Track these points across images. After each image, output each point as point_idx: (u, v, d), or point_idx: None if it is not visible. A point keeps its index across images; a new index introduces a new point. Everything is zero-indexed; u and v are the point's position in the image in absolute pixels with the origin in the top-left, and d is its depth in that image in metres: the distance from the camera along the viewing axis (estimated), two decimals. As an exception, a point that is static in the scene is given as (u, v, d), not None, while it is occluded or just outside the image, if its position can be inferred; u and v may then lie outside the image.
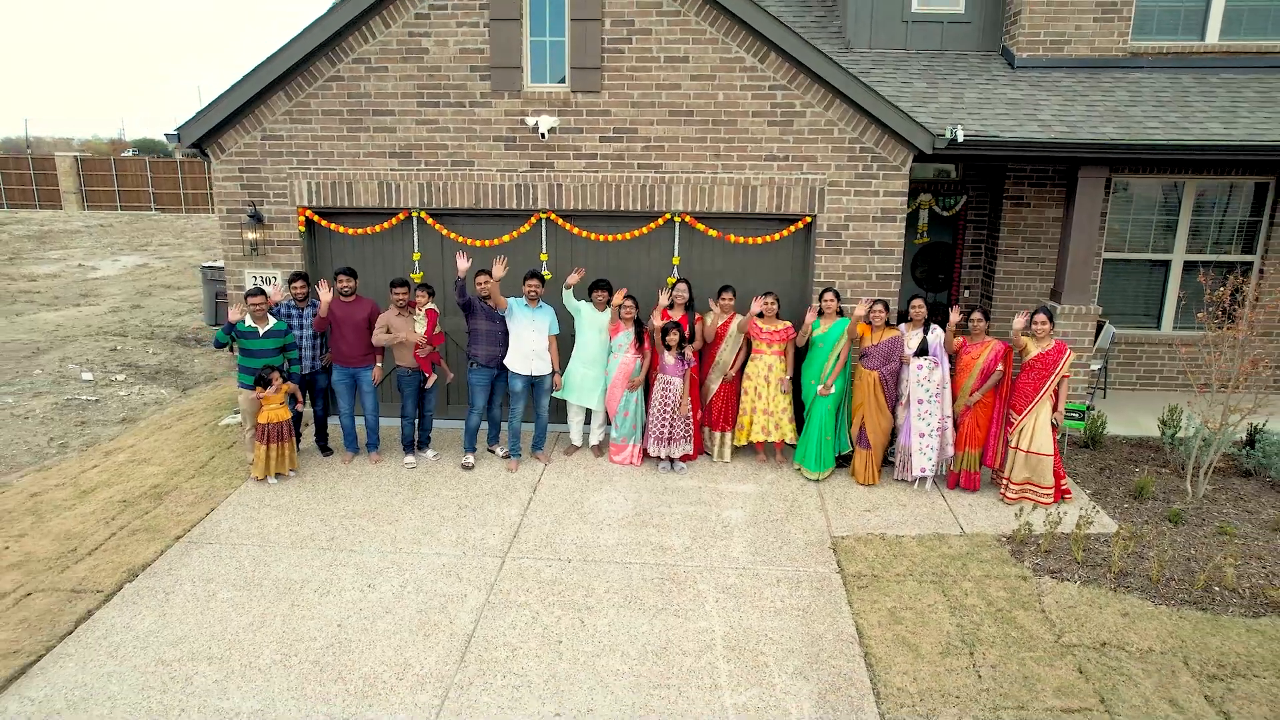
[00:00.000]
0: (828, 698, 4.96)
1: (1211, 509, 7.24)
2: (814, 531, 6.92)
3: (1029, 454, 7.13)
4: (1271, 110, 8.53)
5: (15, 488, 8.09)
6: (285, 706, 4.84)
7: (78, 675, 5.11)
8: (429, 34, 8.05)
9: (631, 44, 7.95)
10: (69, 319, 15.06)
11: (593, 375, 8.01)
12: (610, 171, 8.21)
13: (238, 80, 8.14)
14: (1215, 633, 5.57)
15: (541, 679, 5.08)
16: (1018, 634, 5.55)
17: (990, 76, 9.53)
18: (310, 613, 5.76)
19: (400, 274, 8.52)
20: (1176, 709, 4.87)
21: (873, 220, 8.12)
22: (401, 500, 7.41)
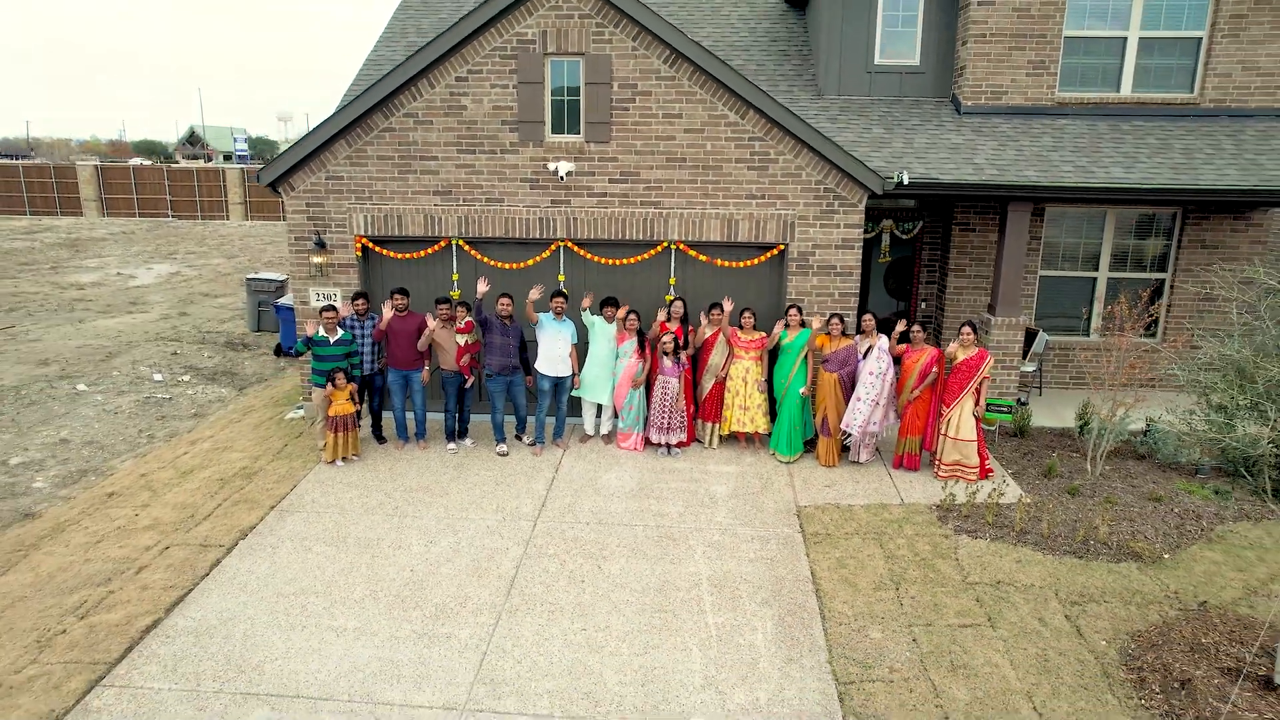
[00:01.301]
0: (785, 619, 6.64)
1: (1104, 484, 8.94)
2: (782, 502, 8.61)
3: (956, 440, 8.83)
4: (1165, 156, 10.22)
5: (123, 470, 9.75)
6: (379, 625, 6.51)
7: (220, 603, 6.79)
8: (467, 94, 9.71)
9: (635, 103, 9.62)
10: (126, 325, 16.69)
11: (603, 376, 9.69)
12: (617, 207, 9.89)
13: (307, 133, 9.81)
14: (1083, 573, 7.27)
15: (570, 606, 6.76)
16: (934, 575, 7.24)
17: (939, 122, 11.22)
18: (387, 562, 7.43)
19: (443, 293, 10.18)
20: (1042, 624, 6.56)
21: (835, 248, 9.81)
22: (449, 479, 9.09)
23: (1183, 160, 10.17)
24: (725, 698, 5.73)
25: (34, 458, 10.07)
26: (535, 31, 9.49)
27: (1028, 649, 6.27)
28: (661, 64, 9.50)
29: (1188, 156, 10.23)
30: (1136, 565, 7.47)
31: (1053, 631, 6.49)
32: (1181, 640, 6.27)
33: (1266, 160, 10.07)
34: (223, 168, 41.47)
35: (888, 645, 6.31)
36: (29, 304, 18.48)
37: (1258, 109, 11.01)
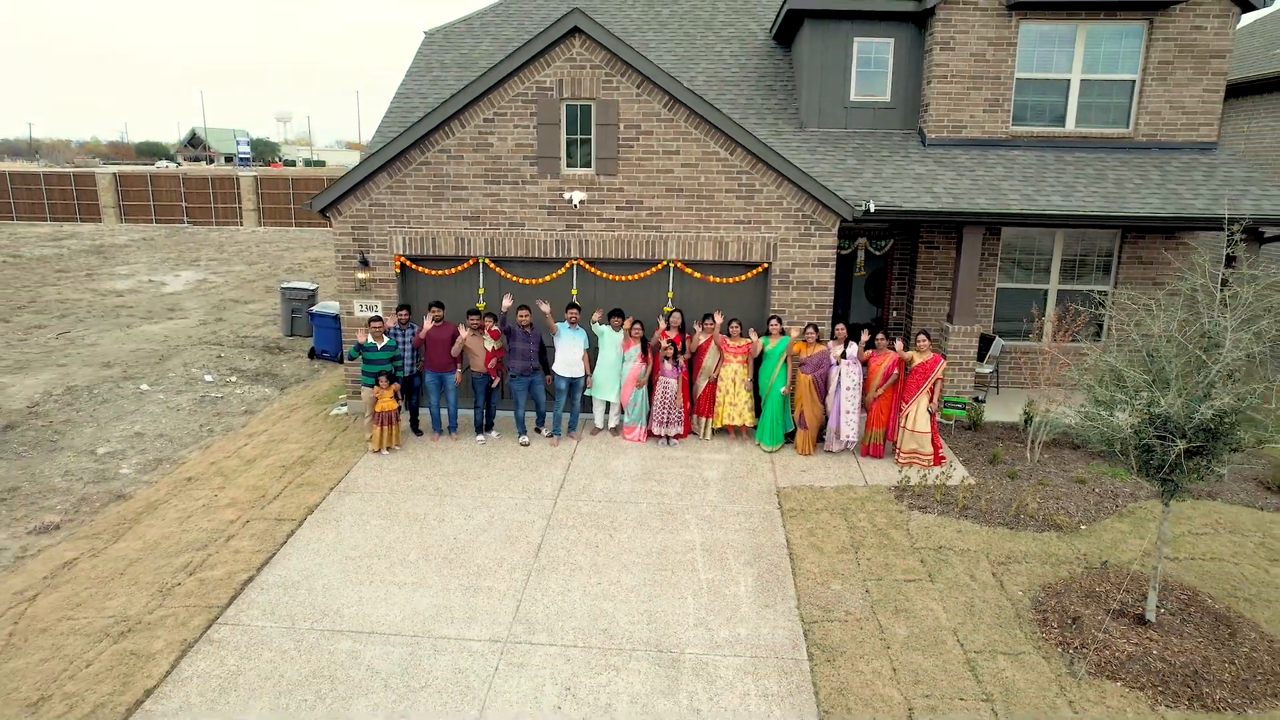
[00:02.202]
0: (763, 576, 8.15)
1: (1040, 469, 10.46)
2: (765, 484, 10.13)
3: (913, 432, 10.34)
4: (1100, 185, 11.74)
5: (194, 459, 11.25)
6: (432, 580, 8.02)
7: (299, 564, 8.29)
8: (494, 133, 11.22)
9: (638, 141, 11.14)
10: (170, 330, 18.18)
11: (612, 377, 11.20)
12: (623, 231, 11.40)
13: (354, 167, 11.32)
14: (1011, 540, 8.79)
15: (587, 566, 8.27)
16: (887, 542, 8.76)
17: (906, 153, 12.74)
18: (433, 532, 8.94)
19: (471, 305, 11.68)
20: (972, 579, 8.08)
21: (812, 266, 11.32)
22: (480, 465, 10.60)
23: (1114, 189, 11.69)
24: (713, 633, 7.24)
25: (116, 448, 11.56)
26: (553, 80, 11.00)
27: (958, 598, 7.79)
28: (661, 108, 11.02)
29: (1119, 186, 11.76)
30: (1057, 534, 8.99)
31: (980, 585, 8.01)
32: (1080, 589, 7.79)
33: (1185, 190, 11.60)
34: (237, 175, 42.90)
35: (845, 595, 7.82)
36: (77, 310, 19.96)
37: (1182, 142, 12.53)
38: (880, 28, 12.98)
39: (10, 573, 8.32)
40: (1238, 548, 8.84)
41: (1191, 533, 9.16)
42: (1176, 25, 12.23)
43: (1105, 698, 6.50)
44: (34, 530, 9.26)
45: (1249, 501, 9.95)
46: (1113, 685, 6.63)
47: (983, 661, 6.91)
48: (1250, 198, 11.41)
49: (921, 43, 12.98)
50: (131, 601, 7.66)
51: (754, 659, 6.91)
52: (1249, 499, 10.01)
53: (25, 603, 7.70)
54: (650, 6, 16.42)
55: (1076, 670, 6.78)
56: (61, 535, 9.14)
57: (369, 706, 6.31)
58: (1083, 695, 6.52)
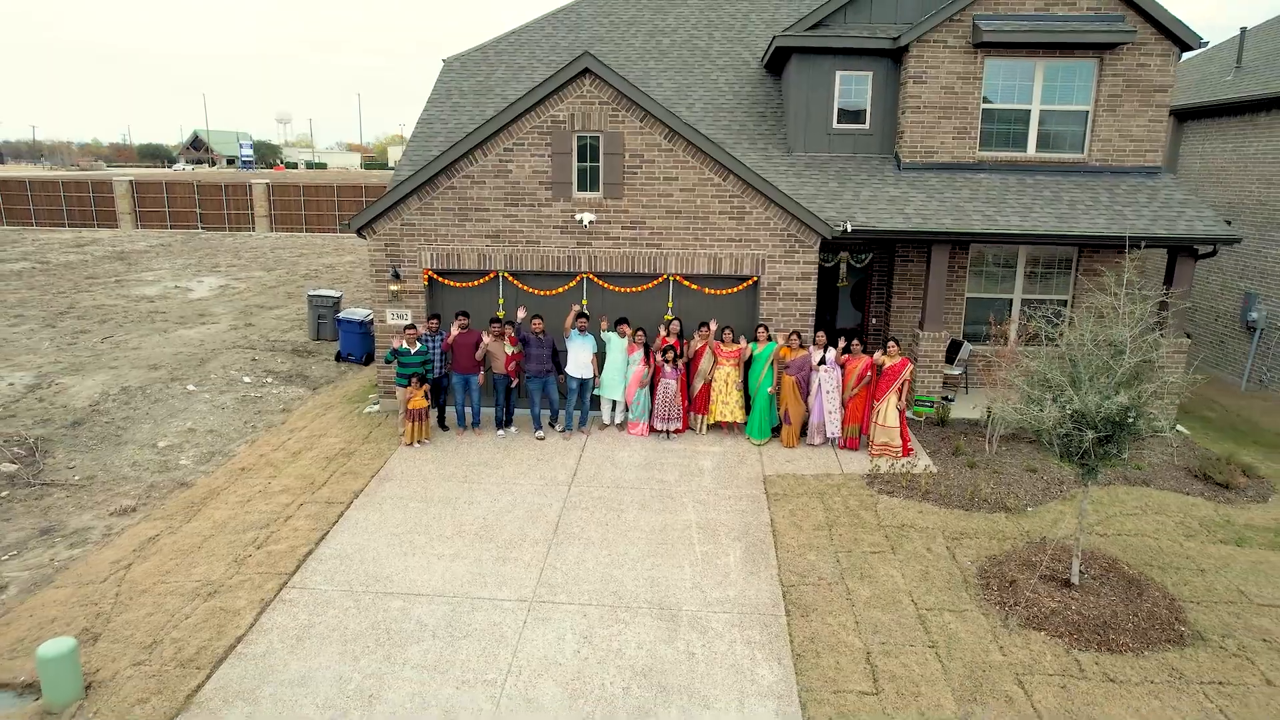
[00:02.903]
0: (750, 549, 9.51)
1: (997, 460, 11.83)
2: (753, 473, 11.50)
3: (884, 426, 11.72)
4: (1054, 206, 13.12)
5: (243, 452, 12.60)
6: (466, 552, 9.38)
7: (351, 539, 9.66)
8: (513, 161, 12.59)
9: (641, 169, 12.51)
10: (204, 335, 19.53)
11: (617, 378, 12.56)
12: (628, 248, 12.77)
13: (388, 191, 12.68)
14: (965, 520, 10.17)
15: (598, 540, 9.63)
16: (858, 521, 10.13)
17: (882, 177, 14.11)
18: (464, 513, 10.30)
19: (493, 315, 13.03)
20: (929, 551, 9.45)
21: (796, 280, 12.70)
22: (501, 456, 11.97)
23: (1067, 210, 13.07)
24: (706, 594, 8.61)
25: (174, 442, 12.92)
26: (565, 115, 12.38)
27: (915, 566, 9.16)
28: (662, 139, 12.39)
29: (1071, 207, 13.13)
30: (1005, 515, 10.37)
31: (934, 556, 9.38)
32: (1019, 559, 9.16)
33: (1129, 211, 12.97)
34: (250, 182, 44.21)
35: (819, 564, 9.20)
36: (114, 316, 21.30)
37: (1131, 167, 13.91)
38: (860, 62, 14.35)
39: (102, 547, 9.68)
40: (1159, 526, 10.22)
41: (1123, 513, 10.54)
42: (1124, 63, 13.60)
43: (1030, 644, 7.87)
44: (114, 512, 10.62)
45: (1177, 488, 11.33)
46: (1037, 634, 8.00)
47: (932, 617, 8.28)
48: (1185, 219, 12.78)
49: (897, 76, 14.35)
50: (212, 569, 9.02)
51: (740, 615, 8.28)
52: (1177, 486, 11.39)
53: (122, 570, 9.06)
54: (651, 36, 17.79)
55: (1009, 623, 8.15)
56: (139, 516, 10.49)
57: (421, 650, 7.68)
58: (1012, 642, 7.89)
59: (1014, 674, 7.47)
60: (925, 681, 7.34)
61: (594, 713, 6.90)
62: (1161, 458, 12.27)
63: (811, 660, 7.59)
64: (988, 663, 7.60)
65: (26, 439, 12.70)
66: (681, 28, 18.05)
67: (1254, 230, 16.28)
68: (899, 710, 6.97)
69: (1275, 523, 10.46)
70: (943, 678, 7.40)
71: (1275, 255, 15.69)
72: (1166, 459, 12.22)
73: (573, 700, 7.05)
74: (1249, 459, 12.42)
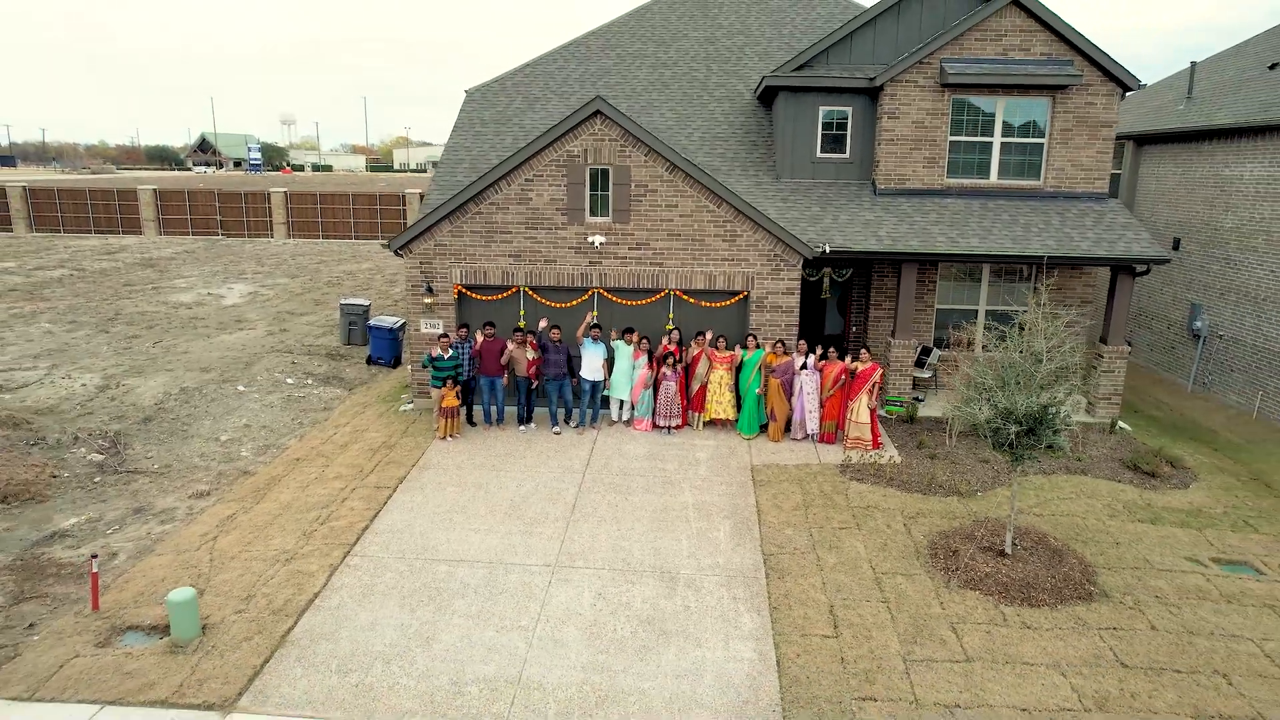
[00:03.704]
0: (737, 525, 11.26)
1: (954, 453, 13.57)
2: (742, 463, 13.24)
3: (857, 423, 13.46)
4: (1010, 229, 14.84)
5: (295, 445, 14.34)
6: (497, 528, 11.13)
7: (399, 517, 11.41)
8: (533, 190, 14.35)
9: (646, 197, 14.26)
10: (244, 340, 21.30)
11: (624, 381, 14.31)
12: (634, 266, 14.52)
13: (422, 216, 14.44)
14: (923, 503, 11.90)
15: (610, 518, 11.38)
16: (830, 503, 11.87)
17: (860, 202, 15.84)
18: (494, 495, 12.05)
19: (515, 325, 14.78)
20: (888, 528, 11.19)
21: (781, 294, 14.44)
22: (523, 448, 13.72)
23: (1022, 233, 14.80)
24: (700, 561, 10.35)
25: (234, 436, 14.69)
26: (579, 150, 14.13)
27: (876, 540, 10.89)
28: (664, 171, 14.15)
29: (1026, 230, 14.86)
30: (957, 498, 12.11)
31: (893, 531, 11.12)
32: (963, 534, 10.88)
33: (1076, 233, 14.70)
34: (269, 191, 45.98)
35: (795, 537, 10.94)
36: (159, 322, 23.09)
37: (1081, 193, 15.64)
38: (840, 99, 16.09)
39: (188, 523, 11.43)
40: (1089, 508, 11.95)
41: (1059, 497, 12.27)
42: (1074, 101, 15.33)
43: (965, 600, 9.60)
44: (192, 495, 12.38)
45: (1111, 477, 13.05)
46: (972, 593, 9.73)
47: (886, 579, 10.02)
48: (1124, 241, 14.51)
49: (874, 111, 16.09)
50: (286, 541, 10.78)
51: (727, 577, 10.03)
52: (1111, 475, 13.11)
53: (210, 541, 10.82)
54: (655, 69, 19.55)
55: (949, 584, 9.89)
56: (214, 499, 12.25)
57: (465, 604, 9.43)
58: (950, 599, 9.63)
59: (949, 623, 9.20)
60: (876, 628, 9.07)
61: (608, 650, 8.64)
62: (1102, 451, 13.99)
63: (785, 611, 9.33)
64: (929, 614, 9.34)
65: (107, 433, 14.48)
66: (682, 60, 19.80)
67: (1199, 248, 18.00)
68: (851, 649, 8.71)
69: (1188, 505, 12.19)
70: (891, 625, 9.14)
71: (1216, 271, 17.40)
72: (1106, 452, 13.95)
73: (590, 641, 8.80)
74: (1180, 452, 14.16)
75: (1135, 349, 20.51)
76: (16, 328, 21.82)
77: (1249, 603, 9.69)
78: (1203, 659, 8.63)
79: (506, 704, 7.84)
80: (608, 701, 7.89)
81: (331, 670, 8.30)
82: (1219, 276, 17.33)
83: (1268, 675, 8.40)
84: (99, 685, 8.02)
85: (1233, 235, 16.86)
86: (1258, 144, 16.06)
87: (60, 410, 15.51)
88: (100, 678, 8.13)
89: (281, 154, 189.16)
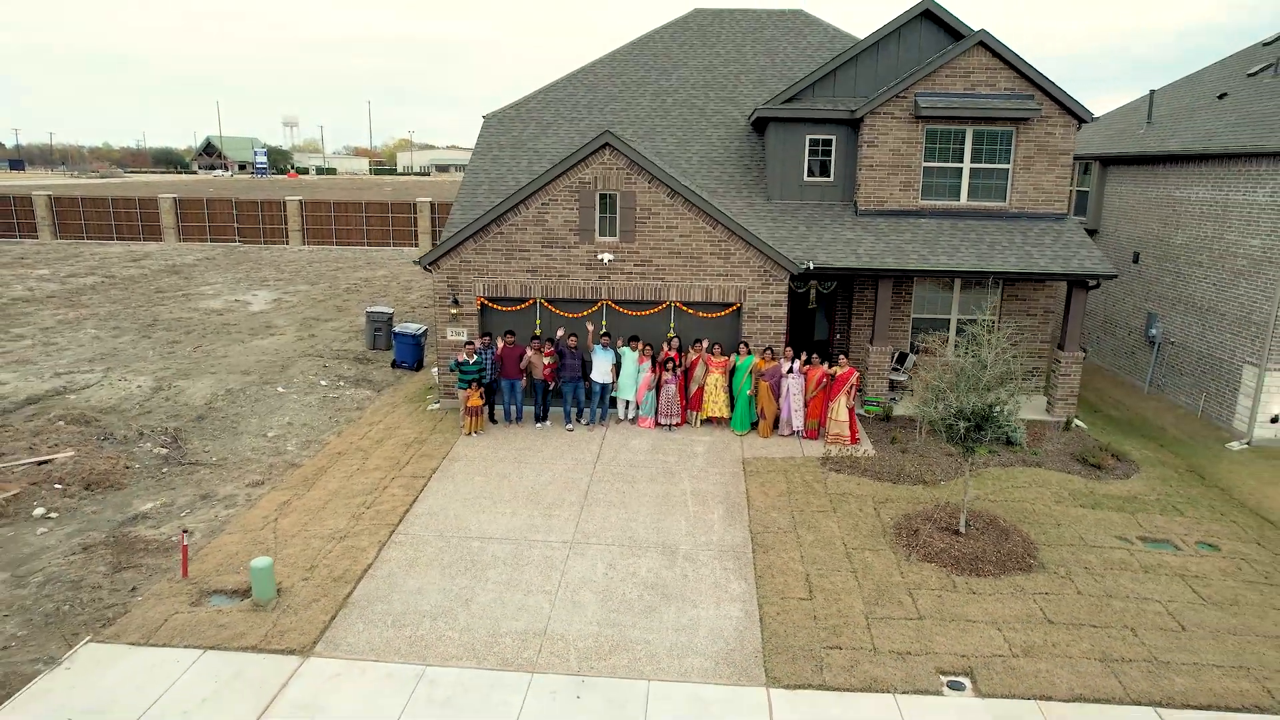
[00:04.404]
0: (729, 509, 12.95)
1: (924, 447, 15.25)
2: (735, 456, 14.94)
3: (836, 420, 15.15)
4: (977, 247, 16.52)
5: (335, 441, 16.03)
6: (521, 511, 12.82)
7: (434, 503, 13.11)
8: (548, 212, 16.05)
9: (650, 219, 15.95)
10: (277, 345, 23.00)
11: (630, 383, 16.01)
12: (639, 280, 16.22)
13: (450, 236, 16.14)
14: (892, 490, 13.59)
15: (618, 503, 13.08)
16: (810, 490, 13.56)
17: (842, 222, 17.53)
18: (515, 483, 13.75)
19: (532, 333, 16.46)
20: (860, 511, 12.88)
21: (770, 306, 16.13)
22: (541, 443, 15.42)
23: (987, 250, 16.49)
24: (696, 538, 12.04)
25: (279, 433, 16.38)
26: (590, 177, 15.83)
27: (848, 521, 12.58)
28: (665, 196, 15.85)
29: (990, 247, 16.55)
30: (922, 487, 13.79)
31: (864, 514, 12.81)
32: (924, 516, 12.56)
33: (1035, 251, 16.39)
34: (285, 199, 47.69)
35: (778, 519, 12.63)
36: (195, 328, 24.80)
37: (1043, 213, 17.32)
38: (825, 128, 17.79)
39: (249, 508, 13.12)
40: (1039, 495, 13.64)
41: (1014, 486, 13.95)
42: (1035, 131, 17.01)
43: (921, 571, 11.28)
44: (249, 484, 14.07)
45: (1062, 469, 14.73)
46: (928, 565, 11.41)
47: (855, 553, 11.71)
48: (1078, 258, 16.20)
49: (855, 139, 17.78)
50: (338, 522, 12.47)
51: (720, 552, 11.71)
52: (1063, 467, 14.79)
53: (272, 522, 12.51)
54: (657, 96, 21.25)
55: (910, 558, 11.57)
56: (268, 487, 13.94)
57: (496, 573, 11.12)
58: (909, 569, 11.31)
59: (907, 588, 10.89)
60: (844, 593, 10.76)
61: (619, 610, 10.33)
62: (1056, 446, 15.68)
63: (768, 579, 11.02)
64: (890, 582, 11.02)
65: (167, 429, 16.18)
66: (682, 88, 21.51)
67: (1155, 262, 19.68)
68: (823, 608, 10.39)
69: (1126, 493, 13.87)
70: (857, 590, 10.82)
71: (1168, 283, 19.09)
72: (1060, 447, 15.63)
73: (603, 602, 10.49)
74: (1128, 447, 15.85)
75: (1101, 354, 22.20)
76: (65, 334, 23.55)
77: (1163, 573, 11.38)
78: (1116, 617, 10.31)
79: (535, 651, 9.53)
80: (619, 649, 9.57)
81: (388, 625, 9.99)
82: (1171, 288, 19.01)
83: (1167, 629, 10.08)
84: (199, 634, 9.72)
85: (1182, 251, 18.54)
86: (1202, 169, 17.74)
87: (122, 409, 17.22)
88: (199, 629, 9.83)
89: (286, 157, 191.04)
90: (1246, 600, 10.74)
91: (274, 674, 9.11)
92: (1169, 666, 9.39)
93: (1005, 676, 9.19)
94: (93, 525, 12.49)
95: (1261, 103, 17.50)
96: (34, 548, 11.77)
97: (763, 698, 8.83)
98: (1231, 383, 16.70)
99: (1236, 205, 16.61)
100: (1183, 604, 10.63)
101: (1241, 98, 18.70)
